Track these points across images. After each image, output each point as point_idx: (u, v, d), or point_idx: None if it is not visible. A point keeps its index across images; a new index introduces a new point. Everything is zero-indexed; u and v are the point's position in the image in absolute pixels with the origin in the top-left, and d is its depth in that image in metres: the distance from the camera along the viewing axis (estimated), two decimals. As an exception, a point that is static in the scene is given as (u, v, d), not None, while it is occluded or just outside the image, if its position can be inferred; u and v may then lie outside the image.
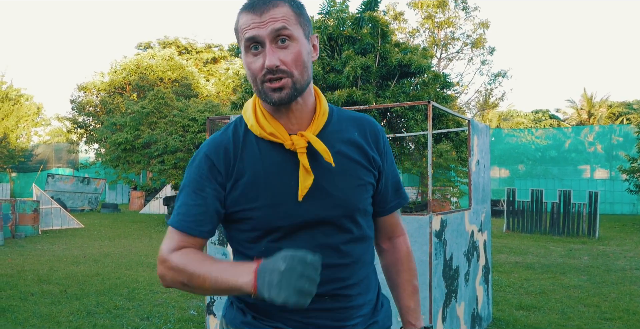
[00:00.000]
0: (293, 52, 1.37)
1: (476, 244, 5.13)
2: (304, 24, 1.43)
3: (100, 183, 24.97)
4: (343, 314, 1.47)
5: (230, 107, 15.06)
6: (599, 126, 25.82)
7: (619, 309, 6.15)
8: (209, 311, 4.60)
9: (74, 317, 5.84)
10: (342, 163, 1.46)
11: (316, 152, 1.42)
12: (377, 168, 1.54)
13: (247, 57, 1.40)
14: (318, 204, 1.42)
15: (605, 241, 12.37)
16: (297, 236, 1.43)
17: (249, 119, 1.47)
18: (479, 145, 5.21)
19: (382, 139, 1.57)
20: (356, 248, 1.49)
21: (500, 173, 25.06)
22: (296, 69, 1.37)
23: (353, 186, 1.47)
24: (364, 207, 1.50)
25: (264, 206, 1.41)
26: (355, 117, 1.58)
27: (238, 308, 1.53)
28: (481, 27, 26.27)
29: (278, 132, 1.43)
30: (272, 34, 1.35)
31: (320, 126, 1.47)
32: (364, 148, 1.51)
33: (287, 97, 1.38)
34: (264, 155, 1.44)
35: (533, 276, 8.06)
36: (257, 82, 1.39)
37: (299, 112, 1.46)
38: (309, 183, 1.40)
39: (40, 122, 39.73)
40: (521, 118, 39.10)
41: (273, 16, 1.36)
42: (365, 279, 1.53)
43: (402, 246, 1.68)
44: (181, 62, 31.76)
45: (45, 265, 9.14)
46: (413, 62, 11.26)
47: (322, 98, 1.52)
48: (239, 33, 1.41)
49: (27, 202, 13.93)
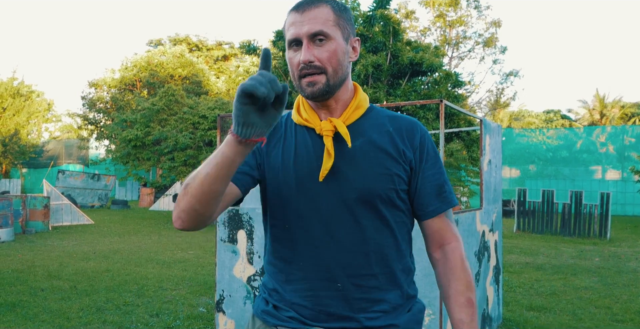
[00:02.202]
0: (328, 50, 1.46)
1: (487, 244, 5.09)
2: (344, 26, 1.51)
3: (110, 179, 25.07)
4: (357, 304, 1.47)
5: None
6: (611, 127, 25.65)
7: (631, 311, 6.10)
8: (218, 308, 4.59)
9: (84, 313, 5.86)
10: (369, 150, 1.51)
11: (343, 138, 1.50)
12: (409, 162, 1.54)
13: (289, 53, 1.51)
14: (336, 186, 1.48)
15: (617, 243, 12.29)
16: (316, 218, 1.49)
17: (293, 110, 1.61)
18: (490, 145, 5.17)
19: (419, 137, 1.57)
20: (378, 238, 1.50)
21: (511, 173, 24.96)
22: (330, 66, 1.47)
23: (376, 174, 1.49)
24: (387, 196, 1.50)
25: (288, 182, 1.51)
26: (396, 115, 1.62)
27: (262, 298, 1.59)
28: (493, 26, 26.19)
29: (311, 118, 1.54)
30: (309, 31, 1.45)
31: (352, 117, 1.54)
32: (395, 141, 1.54)
33: (319, 92, 1.47)
34: (297, 138, 1.56)
35: (544, 277, 8.01)
36: (295, 77, 1.50)
37: (334, 105, 1.55)
38: (329, 165, 1.46)
39: (51, 118, 39.99)
40: (532, 118, 38.94)
41: (313, 16, 1.46)
42: (387, 275, 1.51)
43: (453, 254, 1.59)
44: (192, 59, 31.79)
45: (55, 260, 9.18)
46: (424, 60, 11.22)
47: (361, 94, 1.58)
48: (285, 30, 1.53)
49: (37, 198, 14.00)
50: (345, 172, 1.49)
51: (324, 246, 1.48)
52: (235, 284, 4.52)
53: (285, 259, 1.53)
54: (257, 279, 4.44)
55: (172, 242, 11.93)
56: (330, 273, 1.47)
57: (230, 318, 4.53)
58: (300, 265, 1.49)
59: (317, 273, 1.48)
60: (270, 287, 1.57)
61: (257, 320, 1.59)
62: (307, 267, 1.49)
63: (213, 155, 1.30)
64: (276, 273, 1.55)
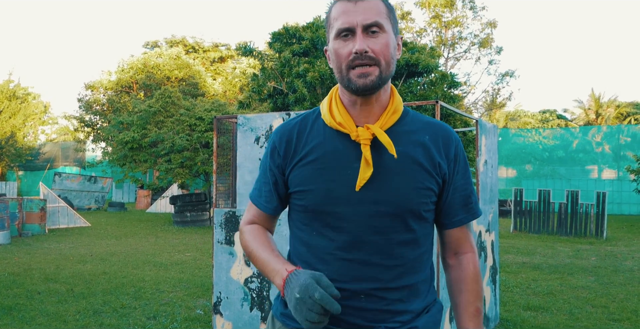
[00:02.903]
0: (382, 42, 1.41)
1: (484, 244, 5.10)
2: (394, 21, 1.48)
3: (107, 181, 25.03)
4: (377, 316, 1.45)
5: (237, 106, 15.08)
6: (606, 126, 25.70)
7: (627, 310, 6.11)
8: (216, 310, 4.59)
9: (81, 316, 5.85)
10: (405, 163, 1.46)
11: (380, 146, 1.45)
12: (442, 175, 1.51)
13: (336, 43, 1.44)
14: (371, 197, 1.44)
15: (613, 242, 12.31)
16: (344, 228, 1.44)
17: (323, 108, 1.53)
18: (486, 145, 5.18)
19: (454, 148, 1.55)
20: (404, 251, 1.47)
21: (507, 173, 24.99)
22: (384, 58, 1.41)
23: (410, 188, 1.45)
24: (418, 211, 1.47)
25: (319, 189, 1.45)
26: (432, 122, 1.57)
27: (282, 300, 1.55)
28: (489, 26, 26.22)
29: (346, 123, 1.46)
30: (364, 21, 1.40)
31: (389, 123, 1.49)
32: (432, 153, 1.50)
33: (372, 84, 1.41)
34: (328, 142, 1.48)
35: (540, 277, 8.03)
36: (343, 69, 1.43)
37: (373, 106, 1.49)
38: (368, 175, 1.42)
39: (48, 121, 39.90)
40: (528, 118, 38.97)
41: (368, 7, 1.41)
42: (411, 288, 1.49)
43: (468, 264, 1.59)
44: (188, 61, 31.78)
45: (52, 263, 9.17)
46: (420, 61, 11.23)
47: (397, 97, 1.53)
48: (331, 20, 1.47)
49: (34, 201, 13.97)
50: (380, 184, 1.44)
51: (350, 258, 1.44)
52: (233, 286, 4.52)
53: (310, 264, 1.49)
54: (254, 281, 4.44)
55: (169, 244, 11.92)
56: (355, 286, 1.44)
57: (227, 320, 4.53)
58: (325, 273, 1.42)
59: (342, 283, 1.43)
60: None
61: (276, 322, 1.57)
62: (331, 277, 1.42)
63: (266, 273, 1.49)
64: None
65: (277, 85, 12.86)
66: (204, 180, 17.90)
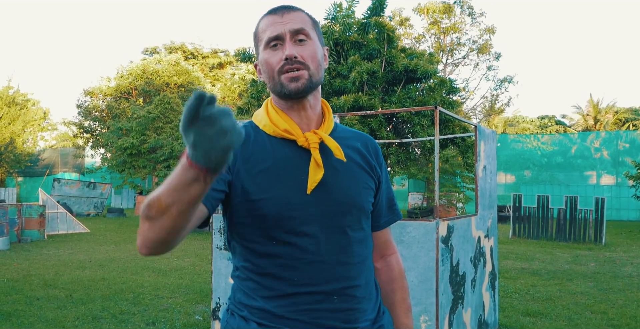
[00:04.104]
0: (309, 49, 1.47)
1: (483, 250, 5.11)
2: (318, 32, 1.56)
3: (106, 187, 25.02)
4: (351, 315, 1.47)
5: (236, 112, 15.10)
6: (605, 132, 25.76)
7: (627, 316, 6.12)
8: (215, 316, 4.59)
9: (80, 322, 5.84)
10: (349, 165, 1.53)
11: (327, 150, 1.49)
12: (377, 177, 1.61)
13: (266, 54, 1.49)
14: (326, 198, 1.46)
15: (612, 248, 12.31)
16: (306, 231, 1.44)
17: (261, 120, 1.53)
18: (485, 151, 5.20)
19: (380, 154, 1.66)
20: (361, 249, 1.52)
21: (506, 179, 25.01)
22: (312, 64, 1.47)
23: (359, 187, 1.53)
24: (367, 209, 1.55)
25: (276, 196, 1.43)
26: (356, 131, 1.67)
27: (240, 317, 1.49)
28: (487, 32, 26.31)
29: (292, 129, 1.49)
30: (292, 30, 1.46)
31: (330, 128, 1.55)
32: (367, 157, 1.59)
33: (303, 87, 1.45)
34: (275, 151, 1.48)
35: (539, 283, 8.03)
36: (274, 75, 1.47)
37: (310, 111, 1.53)
38: (319, 178, 1.44)
39: (47, 127, 39.91)
40: (527, 124, 39.04)
41: (293, 18, 1.48)
42: (369, 285, 1.55)
43: (395, 264, 1.71)
44: (187, 67, 31.87)
45: (51, 269, 9.16)
46: (419, 67, 11.26)
47: (328, 106, 1.61)
48: (259, 33, 1.52)
49: (33, 207, 13.96)
50: (332, 185, 1.48)
51: (318, 261, 1.44)
52: (232, 291, 4.52)
53: (274, 275, 1.45)
54: (254, 287, 4.44)
55: (168, 250, 11.90)
56: (327, 287, 1.44)
57: (226, 325, 4.53)
58: (294, 280, 1.43)
59: (313, 287, 1.43)
60: (251, 304, 1.47)
61: None
62: (301, 281, 1.43)
63: (172, 184, 1.14)
64: (259, 289, 1.46)
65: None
66: (203, 186, 17.88)
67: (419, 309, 3.90)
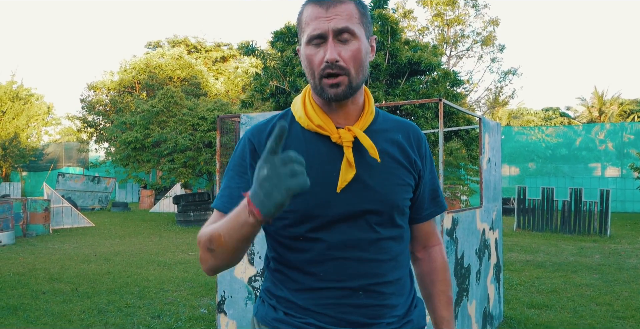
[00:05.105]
0: (352, 49, 1.40)
1: (487, 242, 5.10)
2: (366, 24, 1.47)
3: (110, 182, 25.08)
4: (377, 311, 1.46)
5: (239, 105, 15.10)
6: (610, 124, 25.65)
7: (632, 308, 6.11)
8: (220, 309, 4.60)
9: (85, 315, 5.87)
10: (385, 161, 1.48)
11: (361, 147, 1.45)
12: (418, 171, 1.56)
13: (308, 49, 1.43)
14: (357, 197, 1.43)
15: (617, 240, 12.29)
16: (334, 228, 1.43)
17: (298, 111, 1.50)
18: (490, 143, 5.18)
19: (424, 145, 1.59)
20: (394, 246, 1.50)
21: (510, 171, 24.97)
22: (353, 67, 1.40)
23: (393, 184, 1.48)
24: (402, 207, 1.51)
25: (306, 193, 1.37)
26: (401, 120, 1.60)
27: (269, 305, 1.51)
28: (491, 24, 26.20)
29: (326, 125, 1.45)
30: (336, 29, 1.38)
31: (367, 123, 1.50)
32: (407, 150, 1.53)
33: (343, 94, 1.41)
34: (308, 146, 1.46)
35: (544, 275, 8.02)
36: (315, 77, 1.42)
37: (349, 108, 1.49)
38: (350, 177, 1.41)
39: (51, 121, 39.93)
40: (531, 116, 38.92)
41: (338, 12, 1.39)
42: (400, 281, 1.52)
43: (437, 256, 1.68)
44: (190, 61, 31.85)
45: (56, 263, 9.19)
46: (423, 59, 11.23)
47: (371, 98, 1.55)
48: (302, 24, 1.45)
49: (38, 201, 14.01)
50: (364, 183, 1.44)
51: (345, 257, 1.43)
52: (237, 285, 4.52)
53: (301, 269, 1.46)
54: (258, 280, 4.45)
55: (173, 244, 11.94)
56: (353, 283, 1.44)
57: (231, 319, 4.54)
58: (321, 275, 1.43)
59: (339, 283, 1.43)
60: (278, 294, 1.50)
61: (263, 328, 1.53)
62: (327, 277, 1.43)
63: (233, 228, 1.27)
64: (287, 281, 1.48)
65: (280, 84, 12.87)
66: (206, 180, 17.92)
67: (424, 302, 3.89)
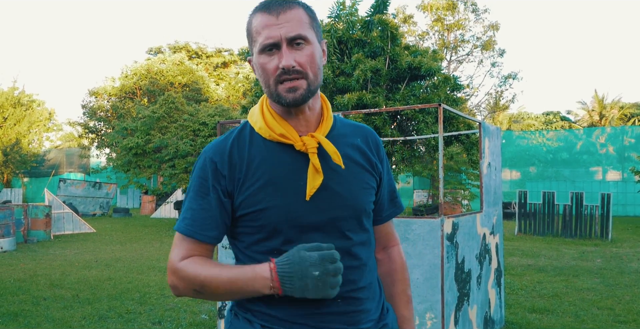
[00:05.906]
0: (307, 53, 1.39)
1: (488, 247, 5.10)
2: (316, 28, 1.46)
3: (111, 187, 25.07)
4: (355, 317, 1.46)
5: (240, 111, 15.10)
6: (610, 127, 25.66)
7: (633, 312, 6.10)
8: (221, 315, 4.60)
9: (86, 321, 5.86)
10: (349, 165, 1.48)
11: (325, 153, 1.44)
12: (379, 174, 1.58)
13: (261, 58, 1.41)
14: (327, 204, 1.43)
15: (618, 243, 12.28)
16: (309, 238, 1.42)
17: (257, 122, 1.48)
18: (490, 148, 5.18)
19: (381, 148, 1.61)
20: (363, 251, 1.51)
21: (511, 176, 24.97)
22: (310, 70, 1.40)
23: (359, 189, 1.49)
24: (369, 210, 1.53)
25: (274, 206, 1.40)
26: (357, 125, 1.61)
27: (244, 319, 1.48)
28: (491, 29, 26.21)
29: (288, 133, 1.44)
30: (289, 37, 1.37)
31: (328, 129, 1.49)
32: (367, 154, 1.55)
33: (301, 98, 1.39)
34: (272, 156, 1.44)
35: (546, 279, 8.01)
36: (271, 84, 1.40)
37: (308, 114, 1.48)
38: (318, 183, 1.41)
39: (52, 127, 39.97)
40: (532, 120, 38.87)
41: (289, 19, 1.38)
42: (372, 285, 1.54)
43: (396, 256, 1.70)
44: (191, 67, 31.86)
45: (57, 269, 9.19)
46: (423, 64, 11.24)
47: (328, 103, 1.54)
48: (253, 33, 1.42)
49: (39, 207, 14.01)
50: (332, 189, 1.44)
51: None
52: (237, 290, 4.52)
53: None
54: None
55: (174, 249, 11.92)
56: None
57: (232, 324, 4.53)
58: None
59: None
60: (253, 308, 1.45)
61: None
62: None
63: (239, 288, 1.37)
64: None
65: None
66: (208, 185, 17.89)
67: (425, 307, 3.89)
